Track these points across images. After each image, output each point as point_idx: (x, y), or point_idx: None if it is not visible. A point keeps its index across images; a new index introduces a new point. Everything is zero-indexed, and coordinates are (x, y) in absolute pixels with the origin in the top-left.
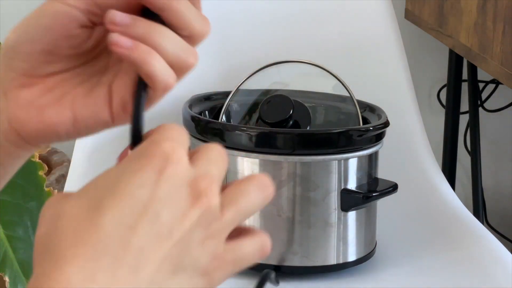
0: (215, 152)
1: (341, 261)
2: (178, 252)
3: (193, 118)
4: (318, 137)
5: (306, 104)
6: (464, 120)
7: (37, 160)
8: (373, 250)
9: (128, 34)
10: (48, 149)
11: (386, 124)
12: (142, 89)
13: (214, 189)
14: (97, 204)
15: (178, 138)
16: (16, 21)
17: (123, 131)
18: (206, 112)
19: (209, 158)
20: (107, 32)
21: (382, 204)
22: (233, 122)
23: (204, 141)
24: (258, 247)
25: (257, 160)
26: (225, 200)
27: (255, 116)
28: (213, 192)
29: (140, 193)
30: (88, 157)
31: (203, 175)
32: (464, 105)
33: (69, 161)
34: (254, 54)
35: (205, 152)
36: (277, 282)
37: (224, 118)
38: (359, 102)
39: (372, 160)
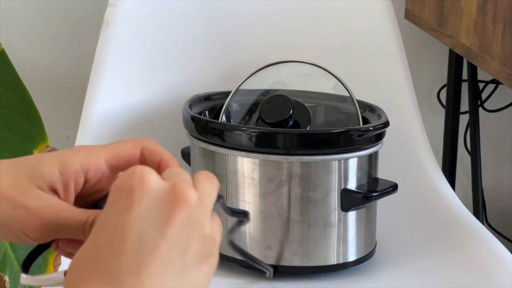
0: (177, 168)
1: (341, 261)
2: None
3: (193, 118)
4: (318, 137)
5: (306, 104)
6: (464, 120)
7: None
8: (373, 250)
9: None
10: (48, 149)
11: (386, 124)
12: None
13: (188, 187)
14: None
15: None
16: (16, 21)
17: (123, 131)
18: (206, 112)
19: (173, 172)
20: None
21: (382, 204)
22: (233, 122)
23: (204, 141)
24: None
25: (257, 160)
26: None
27: (255, 116)
28: (190, 189)
29: (120, 219)
30: None
31: (175, 182)
32: (464, 105)
33: None
34: (254, 54)
35: (168, 170)
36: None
37: (224, 118)
38: (359, 102)
39: (372, 160)
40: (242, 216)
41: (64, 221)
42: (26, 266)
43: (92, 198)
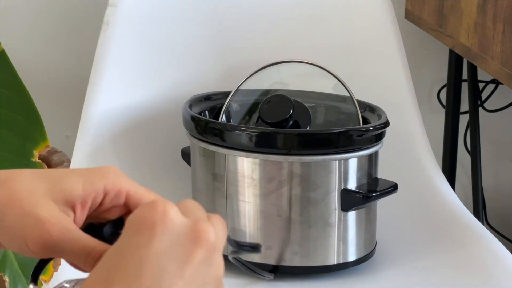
0: (191, 202)
1: (341, 261)
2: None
3: (193, 118)
4: (318, 137)
5: (306, 104)
6: (464, 120)
7: (37, 160)
8: (373, 250)
9: None
10: (48, 149)
11: (386, 124)
12: None
13: (210, 227)
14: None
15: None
16: (16, 21)
17: (123, 131)
18: (206, 112)
19: (189, 207)
20: None
21: (382, 204)
22: (233, 122)
23: (204, 141)
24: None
25: (257, 160)
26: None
27: (255, 116)
28: (211, 229)
29: (139, 252)
30: (88, 157)
31: (197, 220)
32: (464, 105)
33: (69, 161)
34: (254, 54)
35: (183, 203)
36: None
37: (224, 118)
38: (359, 102)
39: (372, 160)
40: (250, 249)
41: (67, 241)
42: (34, 277)
43: (92, 221)
